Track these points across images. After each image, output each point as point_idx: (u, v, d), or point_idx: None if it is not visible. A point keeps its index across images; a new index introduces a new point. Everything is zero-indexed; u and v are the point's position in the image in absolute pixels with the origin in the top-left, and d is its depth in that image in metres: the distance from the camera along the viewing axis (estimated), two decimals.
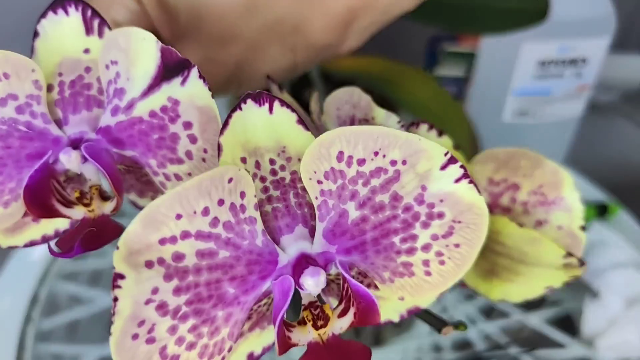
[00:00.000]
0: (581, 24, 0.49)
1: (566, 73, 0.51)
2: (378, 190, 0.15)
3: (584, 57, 0.50)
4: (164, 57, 0.16)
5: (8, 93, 0.16)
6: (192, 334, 0.14)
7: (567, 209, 0.22)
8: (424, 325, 0.49)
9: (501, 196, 0.22)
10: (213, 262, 0.14)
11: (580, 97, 0.54)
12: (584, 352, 0.44)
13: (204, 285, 0.14)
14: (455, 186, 0.15)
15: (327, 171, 0.14)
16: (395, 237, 0.15)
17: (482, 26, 0.38)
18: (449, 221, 0.15)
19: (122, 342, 0.14)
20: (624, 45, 0.77)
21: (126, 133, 0.17)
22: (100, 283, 0.53)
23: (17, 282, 0.45)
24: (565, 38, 0.49)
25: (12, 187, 0.17)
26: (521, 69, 0.50)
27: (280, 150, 0.15)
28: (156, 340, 0.14)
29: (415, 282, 0.16)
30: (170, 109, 0.16)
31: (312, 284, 0.14)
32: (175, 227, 0.14)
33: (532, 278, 0.22)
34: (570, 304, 0.49)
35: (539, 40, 0.48)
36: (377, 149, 0.14)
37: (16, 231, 0.18)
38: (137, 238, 0.14)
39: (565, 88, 0.52)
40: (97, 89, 0.18)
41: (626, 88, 0.72)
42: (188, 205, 0.14)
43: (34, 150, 0.17)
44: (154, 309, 0.14)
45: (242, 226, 0.15)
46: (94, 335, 0.49)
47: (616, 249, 0.46)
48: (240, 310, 0.15)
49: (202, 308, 0.14)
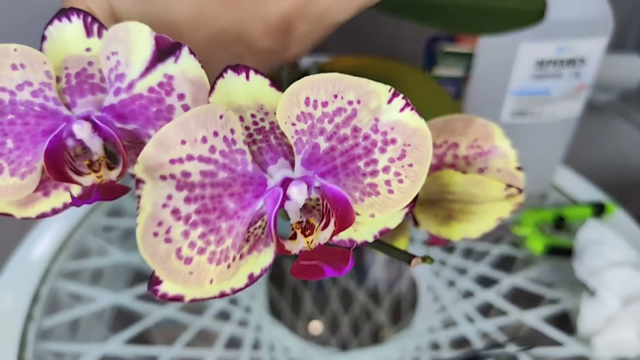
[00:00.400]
0: (579, 24, 0.49)
1: (564, 73, 0.51)
2: (341, 125, 0.18)
3: (582, 57, 0.50)
4: (158, 43, 0.19)
5: (24, 80, 0.19)
6: (202, 240, 0.18)
7: (502, 155, 0.26)
8: (423, 324, 0.49)
9: (445, 156, 0.26)
10: (214, 180, 0.18)
11: (579, 97, 0.54)
12: (581, 350, 0.44)
13: (208, 198, 0.18)
14: (401, 115, 0.18)
15: (298, 115, 0.18)
16: (359, 161, 0.18)
17: (480, 27, 0.38)
18: (400, 145, 0.18)
19: (145, 237, 0.17)
20: (622, 46, 0.77)
21: (128, 109, 0.20)
22: (101, 282, 0.53)
23: (18, 280, 0.45)
24: (563, 38, 0.49)
25: (28, 160, 0.19)
26: (519, 69, 0.50)
27: (259, 107, 0.19)
28: (172, 241, 0.17)
29: (381, 200, 0.19)
30: (166, 83, 0.19)
31: (297, 192, 0.18)
32: (181, 150, 0.17)
33: (483, 214, 0.25)
34: (567, 302, 0.49)
35: (537, 41, 0.48)
36: (335, 92, 0.17)
37: (29, 204, 0.20)
38: (151, 157, 0.17)
39: (563, 88, 0.52)
40: (100, 78, 0.20)
41: (624, 88, 0.73)
42: (190, 134, 0.17)
43: (48, 126, 0.19)
44: (170, 213, 0.17)
45: (235, 155, 0.18)
46: (95, 333, 0.49)
47: (613, 248, 0.46)
48: (240, 224, 0.18)
49: (208, 218, 0.18)
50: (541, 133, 0.55)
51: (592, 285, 0.45)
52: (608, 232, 0.48)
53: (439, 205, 0.26)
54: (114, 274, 0.54)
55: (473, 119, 0.26)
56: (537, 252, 0.52)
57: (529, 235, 0.53)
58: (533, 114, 0.54)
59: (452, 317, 0.49)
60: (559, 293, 0.50)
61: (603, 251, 0.46)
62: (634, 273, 0.44)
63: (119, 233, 0.55)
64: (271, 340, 0.47)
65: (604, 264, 0.45)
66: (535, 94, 0.52)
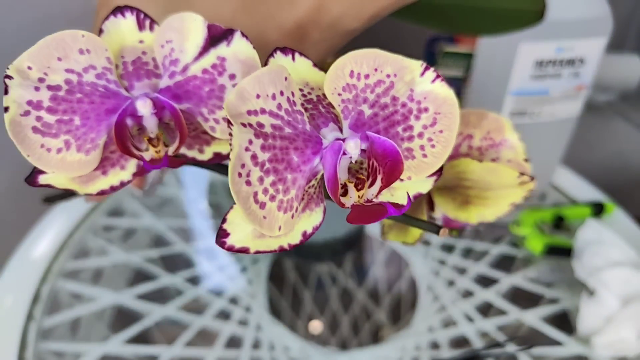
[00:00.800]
0: (578, 25, 0.49)
1: (564, 73, 0.51)
2: (381, 95, 0.20)
3: (581, 58, 0.51)
4: (210, 30, 0.21)
5: (89, 64, 0.20)
6: (273, 188, 0.20)
7: (512, 147, 0.28)
8: (422, 323, 0.49)
9: (460, 146, 0.28)
10: (282, 134, 0.20)
11: (578, 97, 0.54)
12: (581, 350, 0.44)
13: (278, 149, 0.20)
14: (432, 85, 0.20)
15: (343, 86, 0.20)
16: (398, 127, 0.21)
17: (480, 27, 0.38)
18: (432, 113, 0.20)
19: (233, 175, 0.19)
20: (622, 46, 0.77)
21: (183, 89, 0.22)
22: (101, 281, 0.53)
23: (19, 280, 0.45)
24: (563, 38, 0.49)
25: (92, 137, 0.21)
26: (519, 69, 0.50)
27: (305, 84, 0.21)
28: (251, 184, 0.19)
29: (416, 163, 0.21)
30: (219, 65, 0.21)
31: (353, 146, 0.20)
32: (256, 103, 0.19)
33: (498, 199, 0.27)
34: (566, 302, 0.49)
35: (537, 41, 0.48)
36: (376, 66, 0.20)
37: (89, 182, 0.22)
38: (232, 106, 0.19)
39: (562, 88, 0.53)
40: (154, 65, 0.22)
41: (623, 88, 0.73)
42: (263, 89, 0.19)
43: (111, 105, 0.21)
44: (250, 157, 0.19)
45: (296, 115, 0.20)
46: (96, 333, 0.49)
47: (612, 248, 0.46)
48: (302, 177, 0.21)
49: (278, 168, 0.20)
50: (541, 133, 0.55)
51: (592, 285, 0.45)
52: (607, 232, 0.48)
53: (456, 191, 0.28)
54: (114, 273, 0.54)
55: (486, 113, 0.28)
56: (537, 251, 0.52)
57: (529, 235, 0.53)
58: (532, 114, 0.54)
59: (451, 316, 0.49)
60: (558, 293, 0.51)
61: (602, 251, 0.46)
62: (633, 273, 0.44)
63: (119, 233, 0.55)
64: (271, 339, 0.47)
65: (603, 263, 0.45)
66: (534, 94, 0.53)
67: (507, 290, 0.52)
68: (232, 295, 0.51)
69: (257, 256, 0.56)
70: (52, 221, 0.51)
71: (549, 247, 0.51)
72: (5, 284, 0.45)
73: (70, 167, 0.21)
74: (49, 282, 0.45)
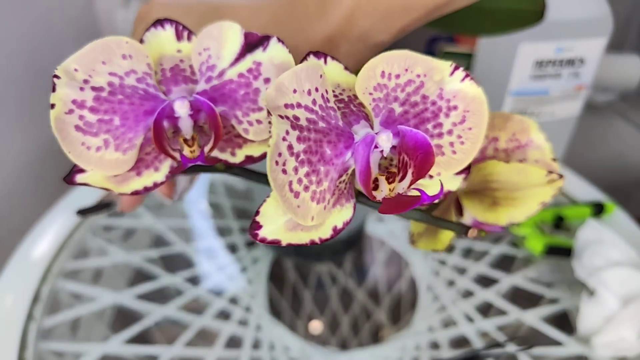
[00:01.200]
0: (578, 25, 0.49)
1: (564, 73, 0.51)
2: (411, 94, 0.21)
3: (581, 58, 0.51)
4: (247, 38, 0.22)
5: (131, 68, 0.22)
6: (307, 179, 0.20)
7: (538, 147, 0.28)
8: (422, 323, 0.49)
9: (486, 149, 0.28)
10: (316, 127, 0.20)
11: (578, 97, 0.54)
12: (581, 350, 0.44)
13: (313, 141, 0.20)
14: (461, 84, 0.21)
15: (374, 85, 0.20)
16: (428, 124, 0.21)
17: (480, 27, 0.38)
18: (461, 111, 0.21)
19: (271, 162, 0.20)
20: (621, 46, 0.77)
21: (219, 92, 0.23)
22: (101, 281, 0.53)
23: (18, 280, 0.45)
24: (563, 38, 0.49)
25: (130, 137, 0.22)
26: (519, 70, 0.50)
27: (336, 85, 0.22)
28: (287, 173, 0.20)
29: (446, 160, 0.22)
30: (255, 69, 0.22)
31: (385, 139, 0.20)
32: (293, 98, 0.20)
33: (527, 199, 0.27)
34: (566, 302, 0.49)
35: (537, 41, 0.48)
36: (406, 67, 0.20)
37: (124, 182, 0.23)
38: (271, 98, 0.19)
39: (562, 88, 0.53)
40: (190, 72, 0.23)
41: (623, 88, 0.73)
42: (300, 85, 0.20)
43: (150, 107, 0.22)
44: (286, 147, 0.20)
45: (329, 111, 0.21)
46: (96, 333, 0.49)
47: (612, 248, 0.46)
48: (334, 170, 0.21)
49: (312, 159, 0.21)
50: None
51: (592, 285, 0.45)
52: (607, 231, 0.48)
53: (484, 194, 0.28)
54: (114, 273, 0.54)
55: (511, 115, 0.28)
56: (537, 251, 0.52)
57: (529, 235, 0.53)
58: (532, 114, 0.54)
59: (451, 316, 0.49)
60: (558, 293, 0.51)
61: (602, 251, 0.46)
62: (633, 273, 0.44)
63: (119, 233, 0.55)
64: (271, 339, 0.47)
65: (604, 263, 0.45)
66: (534, 94, 0.53)
67: (507, 290, 0.52)
68: (232, 295, 0.51)
69: (257, 256, 0.56)
70: (52, 221, 0.51)
71: (549, 247, 0.51)
72: (5, 284, 0.45)
73: (107, 166, 0.22)
74: (49, 282, 0.45)
